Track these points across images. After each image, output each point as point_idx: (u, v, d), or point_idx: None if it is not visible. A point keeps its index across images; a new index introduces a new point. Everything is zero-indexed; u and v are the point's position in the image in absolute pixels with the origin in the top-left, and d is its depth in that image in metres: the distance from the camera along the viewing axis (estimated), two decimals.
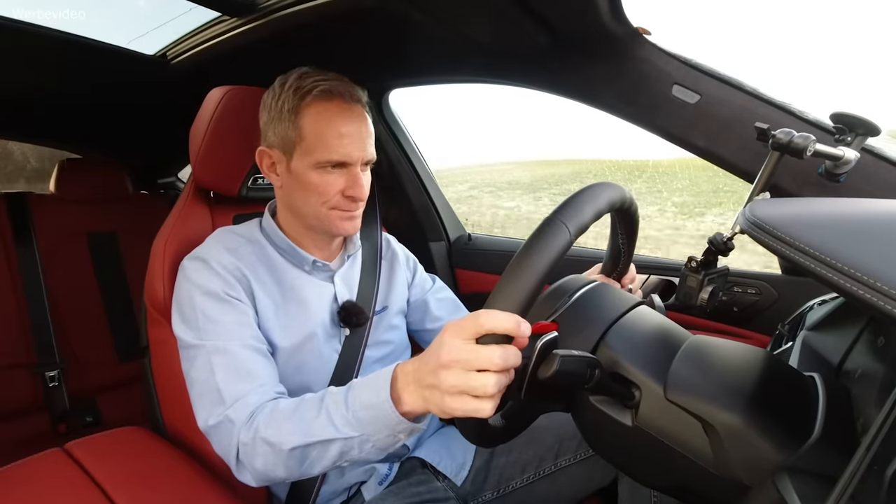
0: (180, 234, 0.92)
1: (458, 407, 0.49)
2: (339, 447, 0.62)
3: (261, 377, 0.74)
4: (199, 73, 1.33)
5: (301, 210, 0.85)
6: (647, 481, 0.62)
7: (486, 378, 0.47)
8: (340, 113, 0.80)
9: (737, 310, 1.03)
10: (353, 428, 0.61)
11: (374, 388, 0.59)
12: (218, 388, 0.72)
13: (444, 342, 0.50)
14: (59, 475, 0.76)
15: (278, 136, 0.82)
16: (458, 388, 0.48)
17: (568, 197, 0.53)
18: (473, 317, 0.48)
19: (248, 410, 0.69)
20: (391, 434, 0.60)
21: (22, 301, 1.59)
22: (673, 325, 0.60)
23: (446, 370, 0.49)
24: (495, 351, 0.47)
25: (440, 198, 1.58)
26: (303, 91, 0.80)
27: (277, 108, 0.82)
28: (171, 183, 2.19)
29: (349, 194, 0.82)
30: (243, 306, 0.79)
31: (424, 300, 1.06)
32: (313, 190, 0.81)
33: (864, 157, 0.77)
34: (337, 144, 0.79)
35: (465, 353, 0.48)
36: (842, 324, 0.60)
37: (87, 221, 1.75)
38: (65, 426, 1.60)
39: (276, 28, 1.06)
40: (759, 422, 0.46)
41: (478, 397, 0.48)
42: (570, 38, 0.95)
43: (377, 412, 0.58)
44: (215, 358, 0.73)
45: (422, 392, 0.54)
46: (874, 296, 0.32)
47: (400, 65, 1.28)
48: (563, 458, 0.91)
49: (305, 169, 0.81)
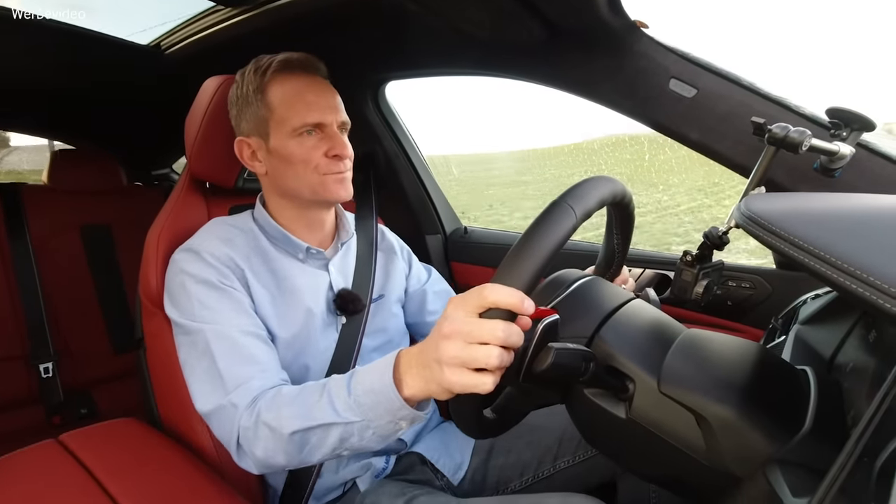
0: (175, 225, 0.91)
1: (458, 380, 0.48)
2: (339, 432, 0.62)
3: (263, 362, 0.74)
4: (194, 64, 1.32)
5: (292, 187, 0.85)
6: (640, 473, 0.62)
7: (489, 350, 0.46)
8: (304, 81, 0.83)
9: (731, 304, 1.03)
10: (355, 413, 0.60)
11: (377, 372, 0.59)
12: (220, 374, 0.71)
13: (447, 314, 0.49)
14: (53, 466, 0.76)
15: (250, 122, 0.84)
16: (459, 358, 0.48)
17: (574, 184, 0.53)
18: (478, 290, 0.47)
19: (250, 395, 0.69)
20: (392, 420, 0.59)
21: (15, 293, 1.58)
22: (667, 318, 0.60)
23: (447, 340, 0.48)
24: (498, 324, 0.46)
25: (436, 191, 1.58)
26: (262, 69, 0.82)
27: (243, 94, 0.84)
28: (165, 174, 2.18)
29: (333, 153, 0.82)
30: (239, 294, 0.79)
31: (422, 291, 1.06)
32: (298, 159, 0.81)
33: (860, 152, 0.77)
34: (307, 108, 0.81)
35: (467, 325, 0.47)
36: (834, 318, 0.60)
37: (80, 213, 1.74)
38: (59, 418, 1.60)
39: (271, 18, 1.05)
40: (752, 414, 0.46)
41: (478, 371, 0.48)
42: (567, 31, 0.94)
43: (379, 396, 0.58)
44: (215, 344, 0.73)
45: (423, 372, 0.54)
46: (867, 290, 0.32)
47: (397, 57, 1.27)
48: (561, 460, 0.91)
49: (284, 141, 0.81)
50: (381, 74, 1.36)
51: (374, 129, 1.44)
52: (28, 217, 1.63)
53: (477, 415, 0.56)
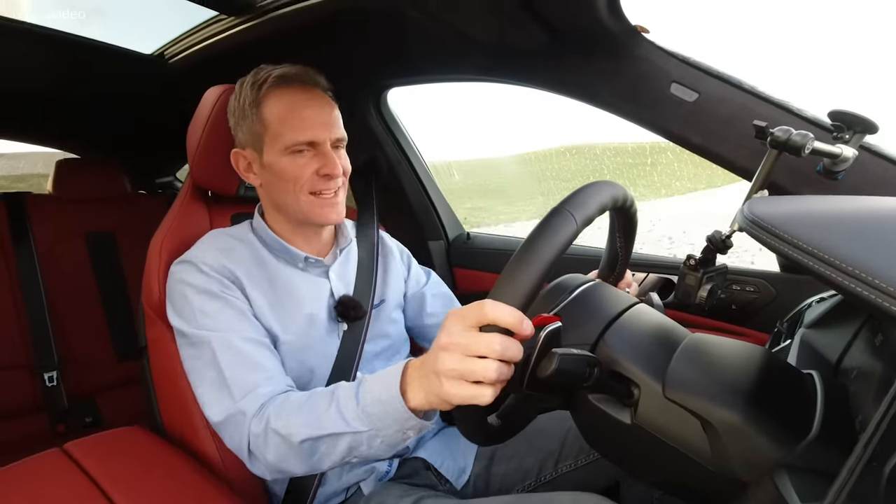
0: (178, 233, 0.92)
1: (457, 392, 0.49)
2: (348, 441, 0.63)
3: (269, 369, 0.74)
4: (197, 73, 1.32)
5: (283, 203, 0.85)
6: (645, 479, 0.62)
7: (487, 363, 0.47)
8: (299, 96, 0.82)
9: (735, 308, 1.03)
10: (363, 422, 0.61)
11: (385, 383, 0.59)
12: (227, 383, 0.72)
13: (447, 326, 0.50)
14: (58, 476, 0.75)
15: (246, 135, 0.84)
16: (457, 371, 0.48)
17: (574, 191, 0.53)
18: (478, 305, 0.47)
19: (259, 402, 0.70)
20: (400, 430, 0.60)
21: (20, 301, 1.58)
22: (672, 323, 0.60)
23: (446, 352, 0.49)
24: (495, 338, 0.46)
25: (439, 197, 1.58)
26: (259, 82, 0.82)
27: (240, 107, 0.83)
28: (168, 182, 2.19)
29: (323, 172, 0.82)
30: (238, 303, 0.79)
31: (421, 294, 1.05)
32: (288, 177, 0.81)
33: (863, 154, 0.77)
34: (300, 125, 0.80)
35: (464, 338, 0.48)
36: (840, 321, 0.60)
37: (85, 221, 1.74)
38: (64, 426, 1.60)
39: (274, 27, 1.06)
40: (758, 419, 0.46)
41: (477, 383, 0.48)
42: (569, 36, 0.95)
43: (387, 407, 0.58)
44: (220, 353, 0.73)
45: (424, 383, 0.55)
46: (872, 293, 0.32)
47: (399, 63, 1.27)
48: (564, 464, 0.91)
49: (277, 157, 0.81)
50: (382, 81, 1.36)
51: (377, 135, 1.44)
52: (33, 225, 1.64)
53: (481, 421, 0.56)
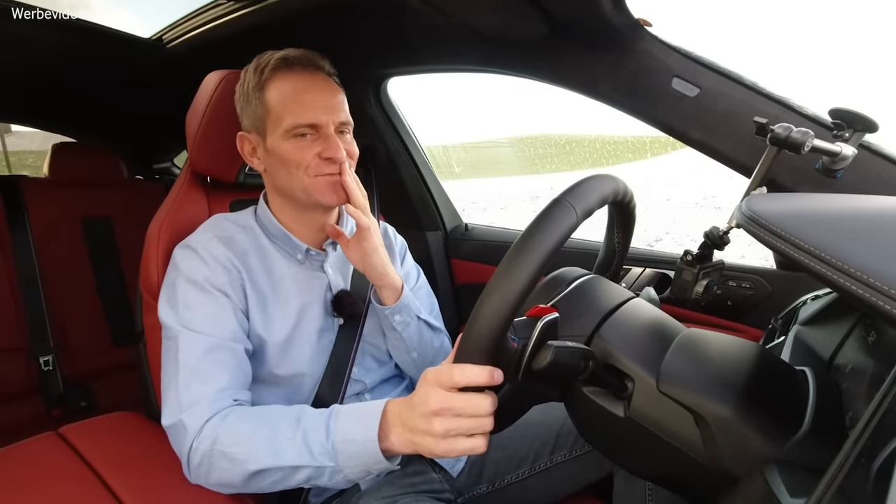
0: (176, 219, 0.91)
1: (453, 448, 0.53)
2: (308, 473, 0.62)
3: (222, 380, 0.72)
4: (196, 58, 1.31)
5: (287, 187, 0.84)
6: (638, 472, 0.62)
7: (481, 420, 0.52)
8: (302, 79, 0.81)
9: (731, 303, 1.03)
10: (330, 458, 0.61)
11: (361, 424, 0.60)
12: (178, 386, 0.71)
13: (430, 393, 0.53)
14: (53, 459, 0.76)
15: (250, 119, 0.83)
16: (454, 431, 0.52)
17: (575, 182, 0.53)
18: (448, 372, 0.51)
19: (201, 418, 0.68)
20: (366, 470, 0.61)
21: (16, 285, 1.58)
22: (667, 318, 0.60)
23: (440, 417, 0.53)
24: (486, 399, 0.52)
25: (437, 187, 1.57)
26: (262, 66, 0.81)
27: (245, 91, 0.83)
28: (166, 168, 2.18)
29: (326, 156, 0.80)
30: (224, 299, 0.78)
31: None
32: (290, 160, 0.80)
33: (862, 153, 0.77)
34: (302, 108, 0.79)
35: (456, 402, 0.52)
36: (834, 319, 0.60)
37: (81, 206, 1.73)
38: (59, 410, 1.60)
39: (273, 13, 1.05)
40: (750, 414, 0.46)
41: (472, 436, 0.53)
42: (570, 28, 0.94)
43: (358, 448, 0.59)
44: (184, 352, 0.73)
45: (410, 436, 0.57)
46: (867, 292, 0.32)
47: (399, 53, 1.26)
48: (558, 454, 0.91)
49: (279, 141, 0.80)
50: (382, 70, 1.35)
51: (376, 124, 1.43)
52: (29, 210, 1.63)
53: None
